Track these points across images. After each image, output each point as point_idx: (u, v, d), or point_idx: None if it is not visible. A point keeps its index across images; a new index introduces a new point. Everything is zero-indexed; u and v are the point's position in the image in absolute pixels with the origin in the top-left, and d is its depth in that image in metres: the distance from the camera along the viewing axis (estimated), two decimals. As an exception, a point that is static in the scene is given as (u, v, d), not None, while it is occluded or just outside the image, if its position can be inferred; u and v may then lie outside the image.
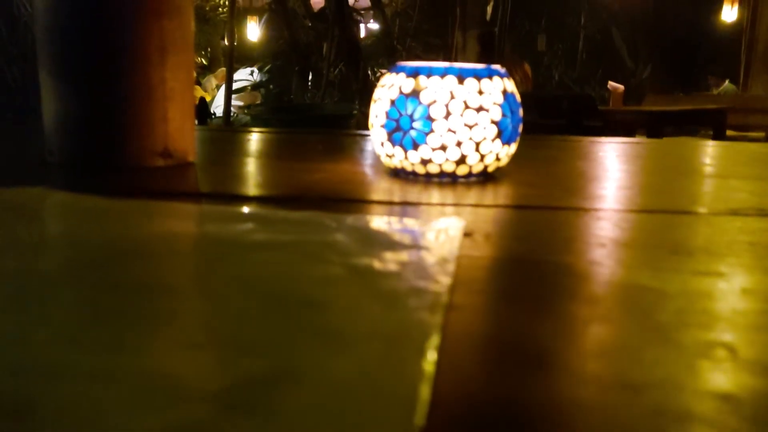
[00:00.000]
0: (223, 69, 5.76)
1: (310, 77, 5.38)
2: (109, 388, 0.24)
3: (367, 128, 0.74)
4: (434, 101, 0.63)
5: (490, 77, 0.64)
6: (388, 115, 0.65)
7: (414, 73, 0.64)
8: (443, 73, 0.63)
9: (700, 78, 6.93)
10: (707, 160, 1.01)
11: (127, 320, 0.31)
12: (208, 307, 0.33)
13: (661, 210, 0.61)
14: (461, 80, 0.63)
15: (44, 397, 0.23)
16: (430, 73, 0.63)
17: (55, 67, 0.68)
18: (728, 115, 4.16)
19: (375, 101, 0.68)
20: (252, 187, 0.70)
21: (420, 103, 0.63)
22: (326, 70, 4.71)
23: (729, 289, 0.38)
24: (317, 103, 4.77)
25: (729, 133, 4.27)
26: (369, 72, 4.96)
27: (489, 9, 5.03)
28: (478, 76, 0.63)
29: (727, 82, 5.91)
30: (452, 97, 0.62)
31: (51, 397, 0.23)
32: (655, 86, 7.01)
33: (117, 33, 0.66)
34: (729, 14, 6.62)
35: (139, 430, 0.21)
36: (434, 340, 0.28)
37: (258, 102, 5.25)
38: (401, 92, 0.64)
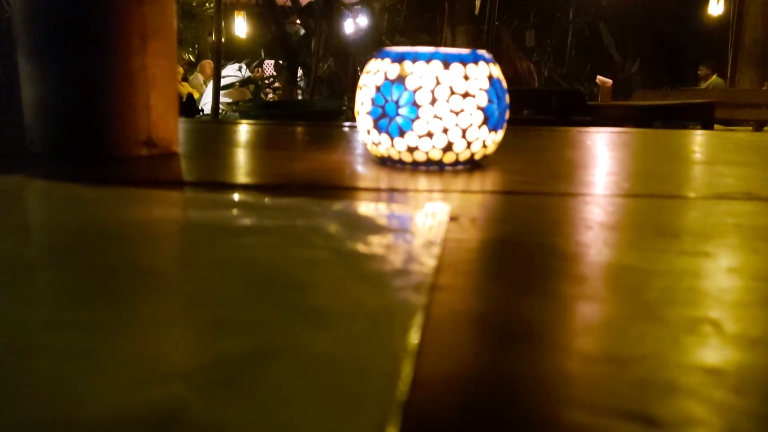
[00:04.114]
0: (207, 62, 5.71)
1: (299, 73, 5.36)
2: (86, 366, 0.23)
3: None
4: (420, 87, 0.62)
5: (475, 62, 0.64)
6: (373, 101, 0.65)
7: (399, 59, 0.64)
8: (429, 58, 0.63)
9: (687, 72, 6.97)
10: (695, 148, 1.01)
11: (105, 301, 0.30)
12: (189, 288, 0.33)
13: (648, 194, 0.60)
14: (447, 65, 0.62)
15: (20, 375, 0.22)
16: (415, 58, 0.63)
17: (34, 52, 0.67)
18: (716, 109, 4.19)
19: (361, 88, 0.68)
20: (238, 176, 0.69)
21: (405, 88, 0.63)
22: (315, 65, 4.69)
23: (715, 268, 0.38)
24: (307, 99, 4.75)
25: (717, 127, 4.30)
26: (358, 68, 4.95)
27: (477, 4, 5.03)
28: (463, 61, 0.63)
29: (714, 76, 5.94)
30: (438, 83, 0.62)
31: (27, 374, 0.23)
32: (643, 81, 7.05)
33: (97, 17, 0.65)
34: (715, 8, 6.66)
35: (116, 407, 0.21)
36: (418, 319, 0.28)
37: (247, 98, 5.22)
38: (387, 78, 0.64)
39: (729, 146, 1.05)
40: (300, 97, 5.09)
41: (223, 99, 4.64)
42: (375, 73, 0.65)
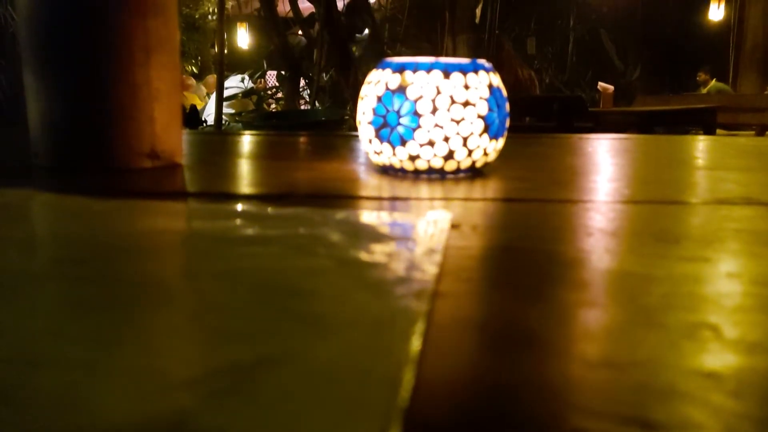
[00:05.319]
0: (213, 76, 5.74)
1: (301, 83, 5.38)
2: (91, 378, 0.24)
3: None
4: (420, 97, 0.63)
5: (475, 72, 0.64)
6: (375, 111, 0.66)
7: (400, 69, 0.64)
8: (429, 68, 0.63)
9: (689, 77, 6.98)
10: (696, 154, 1.02)
11: (111, 312, 0.30)
12: (193, 298, 0.33)
13: (648, 201, 0.61)
14: (447, 75, 0.63)
15: (28, 386, 0.23)
16: (416, 68, 0.63)
17: (39, 67, 0.68)
18: (718, 114, 4.19)
19: (362, 98, 0.68)
20: (241, 186, 0.70)
21: (406, 98, 0.63)
22: (317, 75, 4.71)
23: (714, 273, 0.38)
24: (309, 109, 4.77)
25: (719, 132, 4.29)
26: (360, 77, 4.96)
27: (478, 13, 5.04)
28: (463, 70, 0.63)
29: (714, 80, 5.94)
30: (438, 92, 0.63)
31: (34, 387, 0.23)
32: (644, 87, 7.05)
33: (101, 31, 0.66)
34: (716, 13, 6.66)
35: (122, 417, 0.21)
36: (419, 326, 0.28)
37: (250, 109, 5.24)
38: (387, 88, 0.64)
39: (730, 151, 1.05)
40: (302, 107, 5.11)
41: (226, 110, 4.66)
42: (376, 83, 0.66)
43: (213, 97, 4.72)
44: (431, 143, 0.64)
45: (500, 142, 0.69)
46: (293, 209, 0.52)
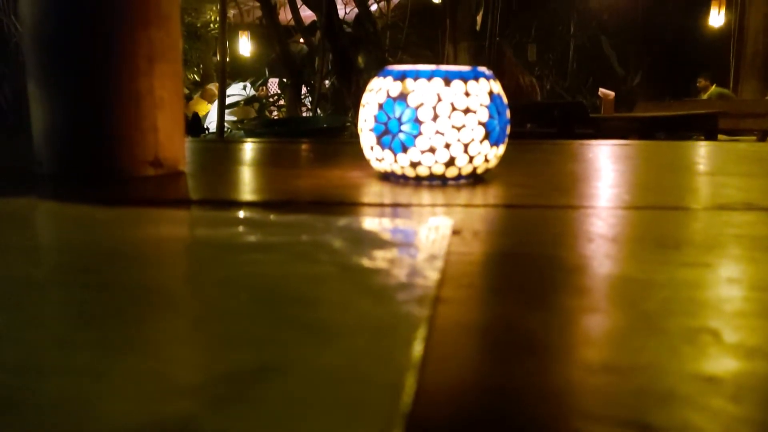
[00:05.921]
0: (214, 84, 5.76)
1: (303, 91, 5.39)
2: (97, 384, 0.24)
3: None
4: (422, 104, 0.63)
5: (476, 79, 0.65)
6: (376, 118, 0.66)
7: (401, 77, 0.65)
8: (430, 75, 0.64)
9: (690, 83, 6.98)
10: (696, 159, 1.02)
11: (115, 319, 0.31)
12: (196, 306, 0.33)
13: (649, 206, 0.61)
14: (448, 82, 0.63)
15: (33, 394, 0.23)
16: (417, 76, 0.64)
17: (42, 76, 0.68)
18: (719, 119, 4.19)
19: (363, 106, 0.69)
20: (243, 193, 0.70)
21: (408, 106, 0.64)
22: (318, 83, 4.72)
23: (715, 279, 0.38)
24: (311, 116, 4.78)
25: (720, 137, 4.29)
26: (361, 85, 4.97)
27: (478, 20, 5.06)
28: (464, 78, 0.64)
29: (714, 86, 5.94)
30: (439, 100, 0.63)
31: (40, 393, 0.23)
32: (645, 93, 7.06)
33: (104, 41, 0.67)
34: (716, 19, 6.67)
35: (127, 423, 0.21)
36: (421, 331, 0.28)
37: (252, 116, 5.25)
38: (389, 96, 0.65)
39: (731, 157, 1.05)
40: (304, 115, 5.12)
41: (228, 117, 4.67)
42: (378, 90, 0.66)
43: (215, 104, 4.73)
44: (432, 150, 0.64)
45: (501, 149, 0.69)
46: (295, 216, 0.52)
